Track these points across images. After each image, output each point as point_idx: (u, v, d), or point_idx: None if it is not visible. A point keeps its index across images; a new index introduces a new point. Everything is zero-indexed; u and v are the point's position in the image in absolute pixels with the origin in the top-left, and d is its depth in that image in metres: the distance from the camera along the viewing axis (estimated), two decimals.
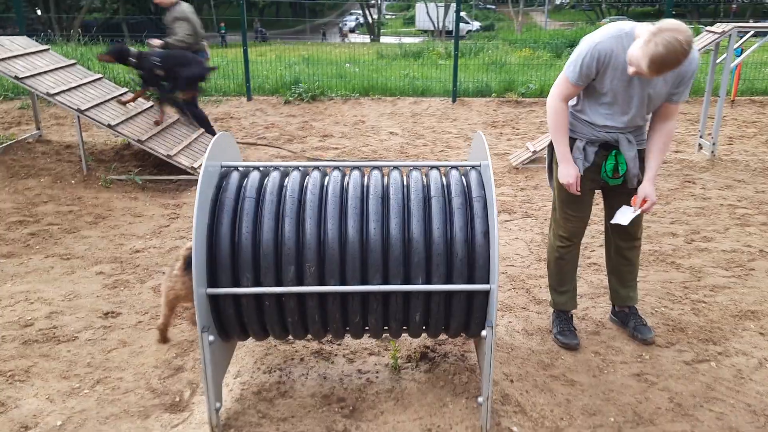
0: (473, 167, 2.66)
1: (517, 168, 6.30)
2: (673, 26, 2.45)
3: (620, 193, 2.99)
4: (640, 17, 39.47)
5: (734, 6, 42.43)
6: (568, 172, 2.89)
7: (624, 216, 2.92)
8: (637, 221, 3.01)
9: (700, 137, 6.82)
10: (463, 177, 2.60)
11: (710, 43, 6.15)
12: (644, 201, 2.88)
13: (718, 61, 6.56)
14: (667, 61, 2.45)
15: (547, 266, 3.28)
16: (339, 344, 3.09)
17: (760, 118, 8.76)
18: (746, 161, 6.52)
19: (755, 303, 3.54)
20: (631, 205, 2.93)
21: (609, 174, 2.91)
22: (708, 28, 6.50)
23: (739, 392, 2.74)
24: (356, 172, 2.57)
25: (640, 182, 2.91)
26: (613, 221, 2.98)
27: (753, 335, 3.21)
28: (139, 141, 5.54)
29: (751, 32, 6.85)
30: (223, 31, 25.53)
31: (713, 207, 5.14)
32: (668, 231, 4.64)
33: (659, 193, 5.44)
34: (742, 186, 5.68)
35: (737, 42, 6.64)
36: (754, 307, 3.50)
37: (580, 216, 3.08)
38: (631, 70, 2.62)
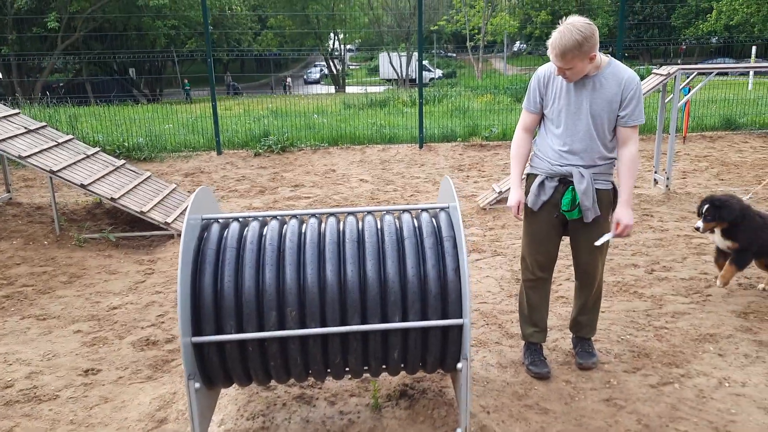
0: (442, 209, 2.83)
1: (485, 209, 6.51)
2: (570, 19, 2.85)
3: (582, 226, 3.14)
4: None
5: (683, 47, 44.58)
6: (512, 197, 3.14)
7: (599, 239, 3.08)
8: (594, 263, 3.19)
9: (655, 173, 7.17)
10: (433, 219, 2.77)
11: (658, 84, 6.55)
12: (617, 225, 3.02)
13: (666, 100, 6.96)
14: (563, 42, 2.79)
15: (519, 300, 3.43)
16: (320, 388, 3.16)
17: (710, 153, 9.23)
18: (699, 193, 6.86)
19: (713, 326, 3.74)
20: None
21: (567, 207, 3.08)
22: (655, 70, 6.92)
23: (702, 411, 2.89)
24: (332, 219, 2.71)
25: (597, 216, 3.07)
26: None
27: (713, 357, 3.39)
28: (111, 199, 5.61)
29: (695, 73, 7.30)
30: (187, 88, 25.79)
31: (671, 238, 5.40)
32: (630, 262, 4.86)
33: None
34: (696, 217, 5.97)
35: (683, 82, 7.08)
36: (713, 330, 3.69)
37: (545, 251, 3.24)
38: (556, 72, 2.96)
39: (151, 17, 27.85)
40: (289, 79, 33.71)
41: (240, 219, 2.74)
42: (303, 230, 2.62)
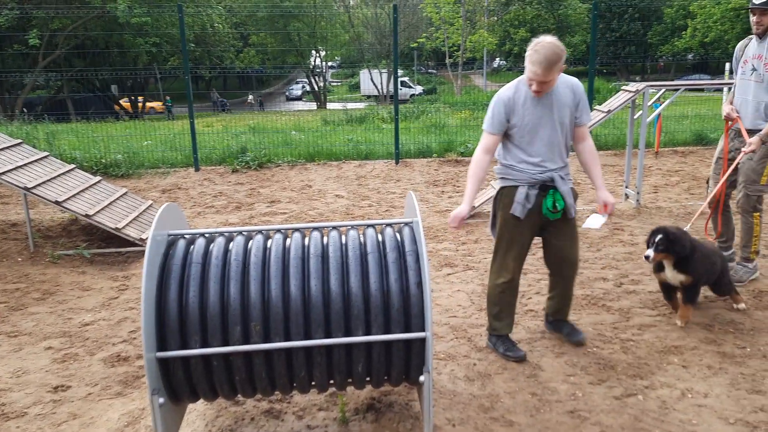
0: (406, 224, 2.88)
1: None
2: (543, 38, 3.14)
3: (562, 223, 3.49)
4: (573, 76, 41.77)
5: (660, 63, 45.48)
6: (460, 210, 3.36)
7: (595, 221, 3.53)
8: (577, 249, 3.63)
9: (626, 187, 7.30)
10: (397, 233, 2.82)
11: (626, 100, 6.70)
12: (605, 206, 3.46)
13: (635, 116, 7.12)
14: (549, 56, 3.06)
15: (488, 299, 3.66)
16: (288, 402, 3.18)
17: (682, 167, 9.41)
18: (669, 208, 7.00)
19: (678, 339, 3.82)
20: (598, 213, 3.54)
21: (550, 209, 3.37)
22: (624, 87, 7.07)
23: (664, 422, 2.95)
24: (297, 234, 2.75)
25: (575, 212, 3.49)
26: (584, 226, 3.66)
27: (676, 368, 3.46)
28: (86, 215, 5.59)
29: (663, 90, 7.48)
30: (169, 104, 25.76)
31: (641, 252, 5.50)
32: (599, 276, 4.94)
33: (590, 241, 5.80)
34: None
35: (652, 98, 7.24)
36: (678, 342, 3.77)
37: (524, 254, 3.57)
38: (532, 88, 3.18)
39: (133, 35, 27.85)
40: (250, 97, 33.44)
41: (206, 234, 2.77)
42: (268, 245, 2.66)
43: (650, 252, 3.87)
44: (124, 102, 32.23)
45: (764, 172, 4.42)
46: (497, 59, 54.47)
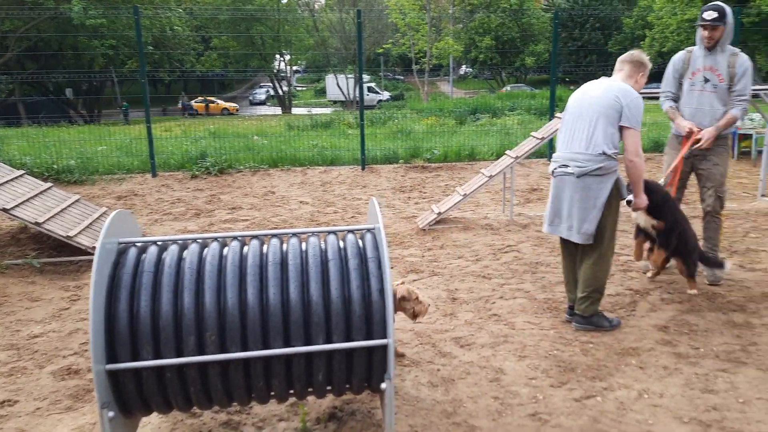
0: (368, 230, 2.85)
1: (424, 229, 6.57)
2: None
3: None
4: (537, 84, 42.52)
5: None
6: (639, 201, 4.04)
7: None
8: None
9: None
10: (359, 240, 2.78)
11: None
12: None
13: None
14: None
15: (602, 282, 3.98)
16: (248, 413, 3.10)
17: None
18: (628, 212, 7.11)
19: (636, 340, 3.87)
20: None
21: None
22: None
23: (621, 422, 2.98)
24: (255, 241, 2.69)
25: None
26: None
27: (634, 370, 3.50)
28: (36, 223, 5.40)
29: None
30: (125, 108, 25.19)
31: None
32: (560, 280, 4.98)
33: (552, 245, 5.85)
34: (624, 236, 6.20)
35: None
36: (635, 344, 3.82)
37: None
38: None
39: (88, 37, 27.19)
40: (181, 102, 32.39)
41: (159, 242, 2.69)
42: (224, 253, 2.59)
43: (630, 197, 4.14)
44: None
45: (726, 173, 4.76)
46: (463, 66, 55.01)
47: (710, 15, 4.45)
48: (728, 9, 4.49)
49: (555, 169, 3.99)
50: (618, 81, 3.93)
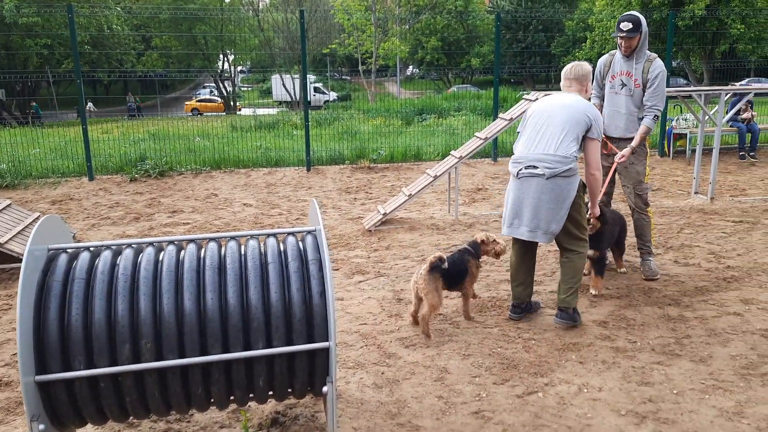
0: (309, 232, 2.82)
1: (370, 230, 6.57)
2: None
3: None
4: (483, 85, 43.20)
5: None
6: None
7: None
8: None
9: None
10: (300, 242, 2.75)
11: (527, 108, 6.93)
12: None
13: None
14: None
15: (581, 273, 4.12)
16: (188, 421, 3.03)
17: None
18: None
19: (576, 336, 3.97)
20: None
21: None
22: (525, 96, 7.33)
23: (562, 417, 3.05)
24: (192, 246, 2.62)
25: None
26: None
27: (574, 365, 3.59)
28: None
29: None
30: (34, 111, 24.08)
31: (542, 253, 5.70)
32: (504, 278, 5.08)
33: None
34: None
35: None
36: (576, 339, 3.92)
37: None
38: None
39: (21, 35, 26.05)
40: (90, 104, 30.40)
41: (91, 248, 2.59)
42: (160, 258, 2.52)
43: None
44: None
45: (646, 172, 5.00)
46: (410, 67, 55.33)
47: (626, 26, 4.70)
48: (642, 18, 4.75)
49: (520, 170, 4.02)
50: (577, 96, 4.11)
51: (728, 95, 8.08)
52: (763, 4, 23.31)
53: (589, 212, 4.30)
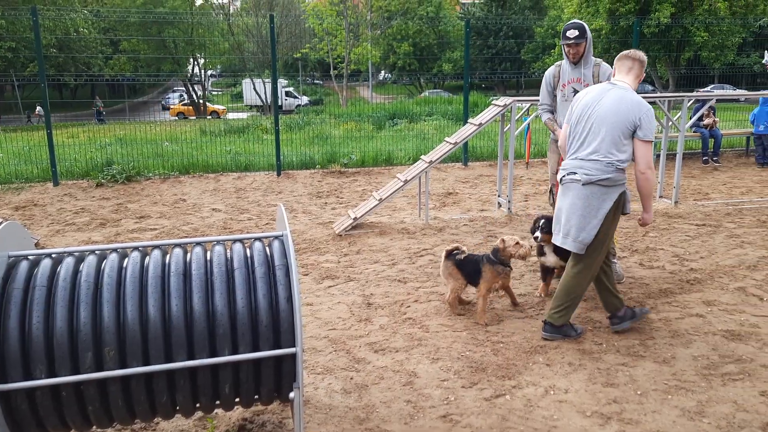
0: (276, 237, 2.81)
1: (341, 235, 6.57)
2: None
3: None
4: (454, 90, 43.53)
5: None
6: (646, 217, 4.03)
7: None
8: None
9: (498, 196, 7.65)
10: (266, 248, 2.74)
11: (496, 114, 7.02)
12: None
13: (505, 129, 7.49)
14: None
15: (581, 292, 3.99)
16: (153, 429, 2.99)
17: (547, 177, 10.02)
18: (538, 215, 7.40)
19: (543, 339, 4.02)
20: None
21: None
22: (494, 101, 7.42)
23: (528, 419, 3.09)
24: (156, 252, 2.60)
25: None
26: None
27: (541, 367, 3.64)
28: None
29: (529, 104, 7.94)
30: None
31: None
32: None
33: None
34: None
35: (519, 112, 7.67)
36: (543, 342, 3.97)
37: None
38: None
39: None
40: (39, 108, 29.57)
41: (53, 255, 2.55)
42: (124, 264, 2.49)
43: (538, 233, 4.44)
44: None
45: None
46: (382, 72, 55.49)
47: (573, 33, 4.81)
48: (586, 25, 4.90)
49: (563, 176, 3.92)
50: (626, 87, 3.82)
51: (691, 101, 8.29)
52: (726, 13, 23.95)
53: (640, 219, 4.02)
